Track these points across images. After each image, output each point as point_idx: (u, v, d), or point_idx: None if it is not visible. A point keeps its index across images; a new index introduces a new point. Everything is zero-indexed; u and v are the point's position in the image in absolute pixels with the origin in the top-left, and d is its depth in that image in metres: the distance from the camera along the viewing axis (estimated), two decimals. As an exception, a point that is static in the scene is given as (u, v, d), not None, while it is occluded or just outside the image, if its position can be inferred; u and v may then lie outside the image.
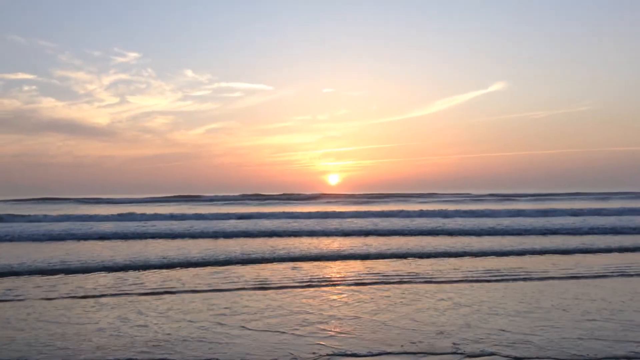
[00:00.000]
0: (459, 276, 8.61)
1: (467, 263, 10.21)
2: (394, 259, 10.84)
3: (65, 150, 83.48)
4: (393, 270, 9.28)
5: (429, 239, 14.92)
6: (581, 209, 26.43)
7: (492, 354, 4.48)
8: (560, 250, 12.10)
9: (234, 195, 58.69)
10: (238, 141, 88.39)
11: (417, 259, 10.82)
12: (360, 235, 15.97)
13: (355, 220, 22.17)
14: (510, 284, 7.93)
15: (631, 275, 8.57)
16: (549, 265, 9.84)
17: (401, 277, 8.59)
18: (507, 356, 4.42)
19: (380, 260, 10.74)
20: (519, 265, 9.86)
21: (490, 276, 8.61)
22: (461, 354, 4.47)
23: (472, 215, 24.10)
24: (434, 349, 4.63)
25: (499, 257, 11.06)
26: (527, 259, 10.82)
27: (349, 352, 4.58)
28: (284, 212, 25.96)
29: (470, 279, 8.38)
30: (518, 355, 4.45)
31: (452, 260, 10.70)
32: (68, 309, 6.45)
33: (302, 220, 22.25)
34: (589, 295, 6.91)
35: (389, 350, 4.63)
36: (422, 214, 25.11)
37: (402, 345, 4.75)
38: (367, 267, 9.76)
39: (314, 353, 4.56)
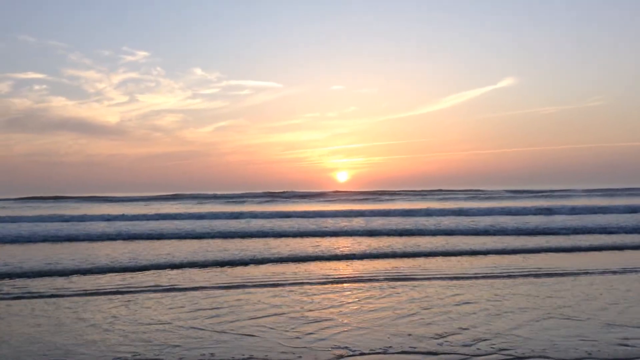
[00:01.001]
0: (453, 275, 8.61)
1: (459, 261, 10.22)
2: (379, 259, 10.85)
3: (75, 149, 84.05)
4: (383, 269, 9.30)
5: (426, 238, 14.89)
6: (588, 206, 26.16)
7: (492, 353, 4.48)
8: (553, 248, 12.07)
9: (239, 194, 58.84)
10: (247, 139, 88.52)
11: (408, 258, 10.83)
12: (355, 235, 15.94)
13: (354, 219, 22.15)
14: (505, 281, 7.92)
15: (615, 273, 8.54)
16: (547, 263, 9.82)
17: (391, 275, 8.60)
18: (509, 356, 4.42)
19: (378, 260, 10.76)
20: (517, 263, 9.85)
21: (483, 274, 8.59)
22: (460, 353, 4.48)
23: (479, 214, 24.02)
24: (433, 348, 4.64)
25: (499, 255, 11.05)
26: (529, 256, 10.80)
27: (353, 348, 4.60)
28: (283, 212, 25.97)
29: (464, 276, 8.37)
30: (520, 355, 4.45)
31: (447, 258, 10.71)
32: (52, 309, 6.51)
33: (298, 219, 21.98)
34: (594, 294, 6.90)
35: (389, 349, 4.64)
36: (427, 212, 25.04)
37: (389, 340, 4.77)
38: (363, 266, 9.79)
39: (310, 348, 4.60)
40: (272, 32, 71.59)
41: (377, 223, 18.72)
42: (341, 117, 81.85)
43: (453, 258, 10.69)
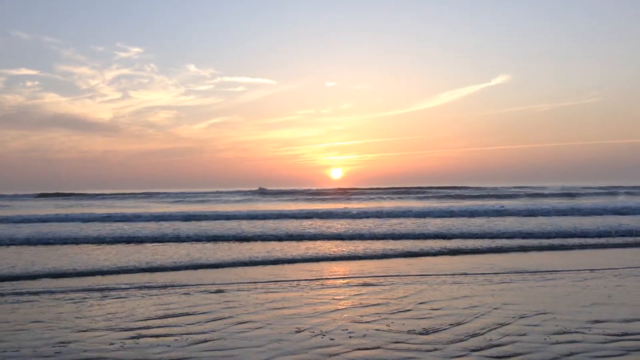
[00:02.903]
0: (445, 273, 8.67)
1: (452, 260, 10.31)
2: (370, 260, 10.88)
3: (69, 146, 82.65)
4: (373, 268, 9.31)
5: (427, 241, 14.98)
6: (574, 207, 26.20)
7: (486, 348, 4.50)
8: (544, 247, 12.26)
9: (234, 191, 58.40)
10: (241, 135, 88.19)
11: (398, 258, 10.87)
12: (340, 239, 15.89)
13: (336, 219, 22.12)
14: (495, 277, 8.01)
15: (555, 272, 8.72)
16: (538, 262, 9.97)
17: (383, 273, 8.62)
18: (503, 352, 4.44)
19: (371, 260, 10.77)
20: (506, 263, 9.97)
21: (481, 272, 8.66)
22: (454, 348, 4.48)
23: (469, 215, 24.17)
24: (428, 343, 4.63)
25: (493, 254, 11.17)
26: (521, 255, 10.94)
27: (347, 344, 4.55)
28: (260, 211, 25.76)
29: (458, 273, 8.43)
30: (513, 351, 4.47)
31: (437, 257, 10.80)
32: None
33: (264, 220, 21.10)
34: (583, 291, 7.02)
35: (384, 345, 4.63)
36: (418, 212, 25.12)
37: (383, 335, 4.76)
38: (353, 265, 9.78)
39: (303, 346, 4.54)
40: (266, 28, 71.39)
41: (360, 224, 18.73)
42: (335, 114, 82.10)
43: (441, 257, 10.76)
